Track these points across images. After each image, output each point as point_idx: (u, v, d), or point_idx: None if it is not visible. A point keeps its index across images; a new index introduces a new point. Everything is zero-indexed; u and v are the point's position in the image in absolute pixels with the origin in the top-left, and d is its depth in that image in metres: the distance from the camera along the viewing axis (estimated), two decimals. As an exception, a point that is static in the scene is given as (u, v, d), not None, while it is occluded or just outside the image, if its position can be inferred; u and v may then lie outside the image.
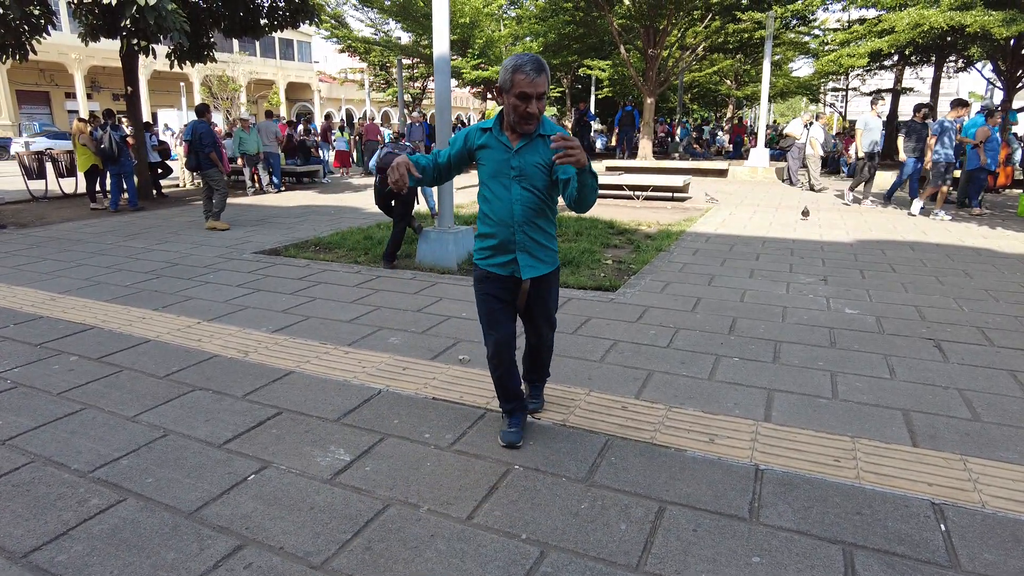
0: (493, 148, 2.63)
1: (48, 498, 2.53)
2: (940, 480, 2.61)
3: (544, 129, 2.57)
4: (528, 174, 2.58)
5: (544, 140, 2.56)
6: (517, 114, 2.48)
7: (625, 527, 2.33)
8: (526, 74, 2.40)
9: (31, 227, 9.32)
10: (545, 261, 2.74)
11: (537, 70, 2.42)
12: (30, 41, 10.54)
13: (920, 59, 19.93)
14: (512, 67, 2.42)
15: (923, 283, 5.84)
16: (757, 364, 3.88)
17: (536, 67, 2.42)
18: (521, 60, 2.43)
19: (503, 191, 2.62)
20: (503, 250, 2.69)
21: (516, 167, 2.58)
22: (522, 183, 2.59)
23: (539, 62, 2.43)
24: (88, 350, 4.15)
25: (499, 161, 2.61)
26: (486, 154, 2.65)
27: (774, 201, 12.18)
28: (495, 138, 2.62)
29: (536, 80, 2.42)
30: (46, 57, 29.89)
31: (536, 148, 2.58)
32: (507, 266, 2.71)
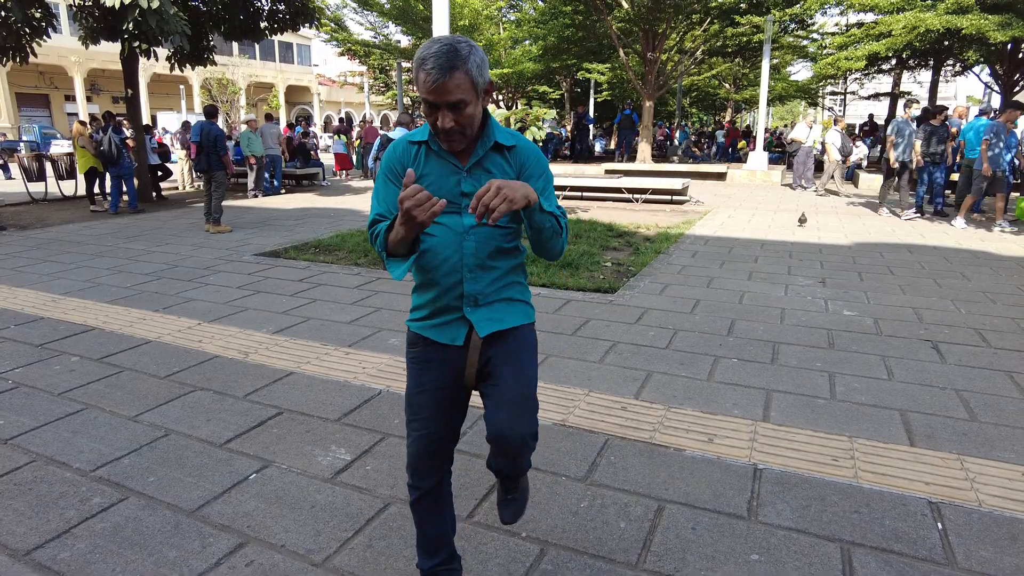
0: (434, 167, 1.74)
1: (50, 496, 2.54)
2: (937, 479, 2.63)
3: (498, 135, 1.76)
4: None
5: (504, 153, 1.76)
6: (432, 125, 1.67)
7: (624, 525, 2.35)
8: (427, 73, 1.55)
9: (31, 229, 9.34)
10: (511, 313, 1.83)
11: (444, 68, 1.55)
12: (31, 44, 10.57)
13: (918, 63, 20.01)
14: (415, 59, 1.60)
15: (921, 285, 5.87)
16: (756, 365, 3.90)
17: (442, 63, 1.55)
18: (425, 51, 1.57)
19: (452, 221, 1.72)
20: (444, 308, 1.78)
21: (469, 192, 1.71)
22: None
23: (450, 53, 1.56)
24: (89, 351, 4.16)
25: (446, 184, 1.72)
26: (427, 176, 1.74)
27: (772, 204, 12.22)
28: (434, 155, 1.74)
29: (443, 83, 1.56)
30: (46, 60, 29.94)
31: (494, 164, 1.75)
32: (448, 329, 1.79)
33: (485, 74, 1.67)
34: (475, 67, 1.60)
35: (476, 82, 1.61)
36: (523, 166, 1.77)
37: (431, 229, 1.72)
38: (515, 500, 2.02)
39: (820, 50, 19.16)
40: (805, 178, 14.90)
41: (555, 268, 6.29)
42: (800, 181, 14.90)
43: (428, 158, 1.75)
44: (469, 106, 1.61)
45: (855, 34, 16.09)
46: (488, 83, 1.69)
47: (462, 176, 1.73)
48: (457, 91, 1.58)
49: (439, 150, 1.72)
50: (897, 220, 10.01)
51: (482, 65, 1.64)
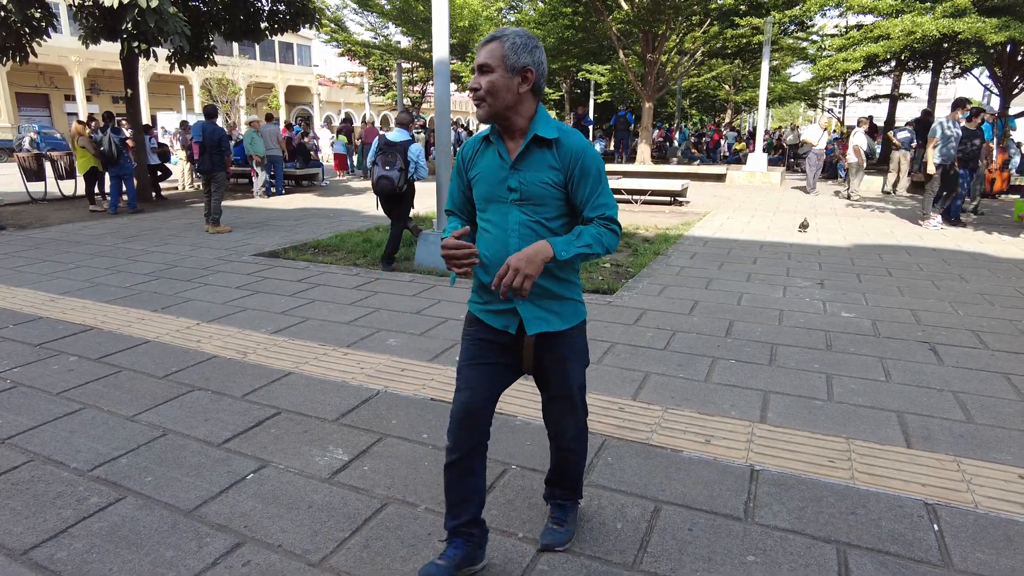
0: (487, 160, 1.93)
1: (47, 496, 2.54)
2: (934, 481, 2.64)
3: (539, 128, 1.86)
4: (532, 195, 1.87)
5: (551, 149, 1.86)
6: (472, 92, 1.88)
7: (621, 526, 2.35)
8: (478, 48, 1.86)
9: (31, 228, 9.34)
10: (559, 314, 1.98)
11: (486, 40, 1.84)
12: (31, 43, 10.57)
13: (917, 65, 20.03)
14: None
15: (919, 287, 5.88)
16: (753, 366, 3.90)
17: (487, 37, 1.85)
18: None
19: (499, 218, 1.91)
20: (498, 298, 1.96)
21: (515, 187, 1.87)
22: (523, 208, 1.88)
23: (494, 32, 1.86)
24: (87, 351, 4.16)
25: (494, 177, 1.91)
26: (480, 168, 1.95)
27: (772, 206, 12.23)
28: (492, 148, 1.93)
29: (480, 49, 1.84)
30: (46, 59, 29.93)
31: (540, 160, 1.86)
32: (501, 317, 1.98)
33: (523, 58, 1.81)
34: (510, 45, 1.80)
35: (507, 56, 1.79)
36: (570, 169, 1.86)
37: (484, 224, 1.96)
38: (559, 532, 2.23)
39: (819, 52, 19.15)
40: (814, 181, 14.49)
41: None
42: (815, 184, 14.38)
43: (486, 151, 1.95)
44: (494, 73, 1.80)
45: (854, 36, 16.11)
46: (526, 68, 1.82)
47: (507, 170, 1.89)
48: (487, 56, 1.80)
49: (496, 141, 1.91)
50: (897, 221, 10.02)
51: (520, 48, 1.81)
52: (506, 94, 1.81)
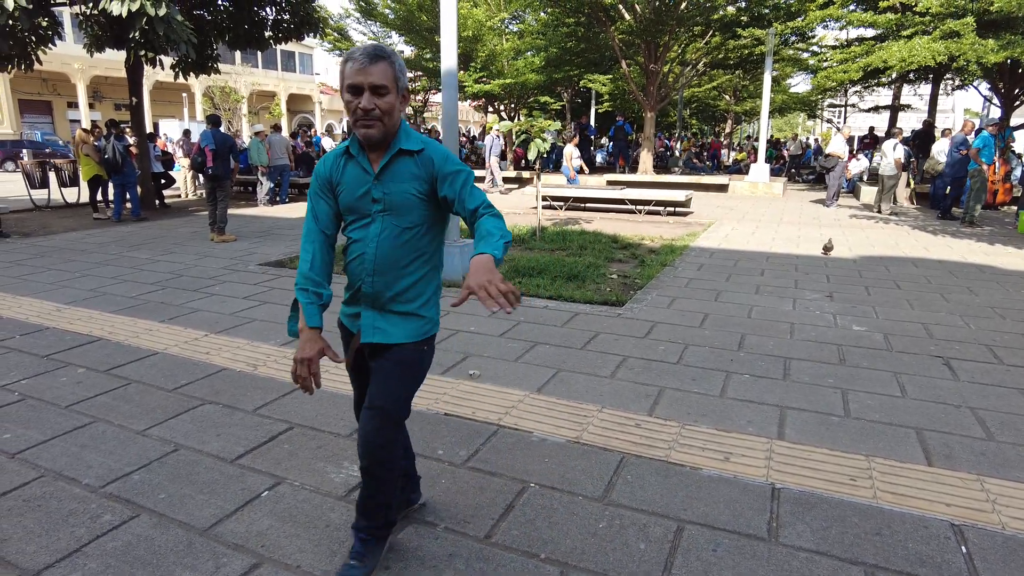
0: (349, 178, 1.96)
1: (60, 513, 2.50)
2: (958, 500, 2.60)
3: (403, 142, 1.93)
4: (397, 205, 1.92)
5: (413, 158, 1.94)
6: (352, 114, 1.87)
7: (644, 547, 2.31)
8: (354, 62, 1.82)
9: (35, 236, 9.31)
10: (398, 328, 2.02)
11: (371, 56, 1.81)
12: (36, 51, 10.58)
13: (917, 77, 20.09)
14: (342, 62, 1.87)
15: (928, 300, 5.85)
16: (768, 381, 3.87)
17: (369, 52, 1.82)
18: (351, 52, 1.85)
19: (362, 230, 1.97)
20: (353, 299, 2.07)
21: (379, 198, 1.93)
22: (387, 217, 1.93)
23: (376, 48, 1.84)
24: (95, 362, 4.13)
25: (357, 191, 1.95)
26: (344, 183, 1.98)
27: (775, 216, 12.23)
28: (353, 161, 1.96)
29: (368, 67, 1.81)
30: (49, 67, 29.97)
31: (404, 168, 1.93)
32: (353, 320, 2.10)
33: (405, 78, 1.92)
34: (398, 65, 1.87)
35: (398, 77, 1.87)
36: (434, 167, 1.93)
37: (353, 235, 2.00)
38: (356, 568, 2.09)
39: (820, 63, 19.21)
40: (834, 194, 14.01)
41: (561, 281, 6.27)
42: (834, 198, 13.93)
43: (347, 167, 1.98)
44: (390, 95, 1.85)
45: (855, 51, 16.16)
46: (406, 89, 1.95)
47: (371, 184, 1.94)
48: (381, 76, 1.82)
49: (358, 154, 1.95)
50: (901, 233, 10.02)
51: (403, 68, 1.91)
52: (396, 114, 1.90)
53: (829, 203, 13.96)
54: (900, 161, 12.46)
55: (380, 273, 1.96)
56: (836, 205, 13.94)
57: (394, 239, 1.94)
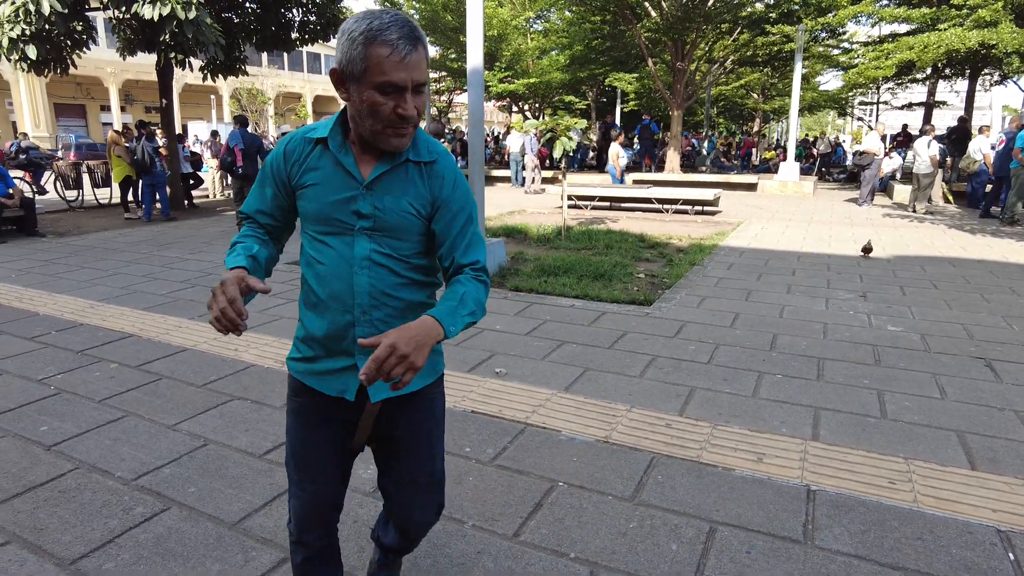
0: (325, 172, 1.44)
1: (94, 505, 2.53)
2: (1004, 506, 2.50)
3: (417, 151, 1.45)
4: (390, 225, 1.43)
5: (419, 169, 1.45)
6: (380, 118, 1.33)
7: (676, 547, 2.26)
8: (392, 47, 1.26)
9: (69, 236, 9.52)
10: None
11: (411, 39, 1.28)
12: (71, 56, 10.83)
13: (954, 72, 19.61)
14: (365, 32, 1.26)
15: (967, 300, 5.68)
16: (801, 381, 3.78)
17: (407, 32, 1.28)
18: (380, 20, 1.27)
19: (341, 248, 1.44)
20: (332, 350, 1.49)
21: (368, 213, 1.42)
22: (375, 239, 1.43)
23: (411, 24, 1.30)
24: (127, 358, 4.19)
25: (334, 196, 1.43)
26: (315, 179, 1.45)
27: (806, 215, 12.01)
28: (333, 157, 1.43)
29: (411, 59, 1.28)
30: (83, 71, 30.71)
31: (405, 179, 1.44)
32: (336, 377, 1.50)
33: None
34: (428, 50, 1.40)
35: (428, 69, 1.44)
36: (440, 189, 1.46)
37: (317, 254, 1.45)
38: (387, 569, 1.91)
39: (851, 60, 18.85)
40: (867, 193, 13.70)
41: (588, 280, 6.22)
42: (868, 197, 13.61)
43: (322, 159, 1.43)
44: (424, 91, 1.37)
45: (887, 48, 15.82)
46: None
47: (359, 193, 1.41)
48: (422, 68, 1.33)
49: (339, 149, 1.42)
50: (936, 232, 9.76)
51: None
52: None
53: (862, 202, 13.65)
54: (936, 158, 12.12)
55: (377, 308, 1.45)
56: (869, 204, 13.64)
57: (386, 265, 1.45)
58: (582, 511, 2.48)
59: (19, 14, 9.24)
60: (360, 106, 1.33)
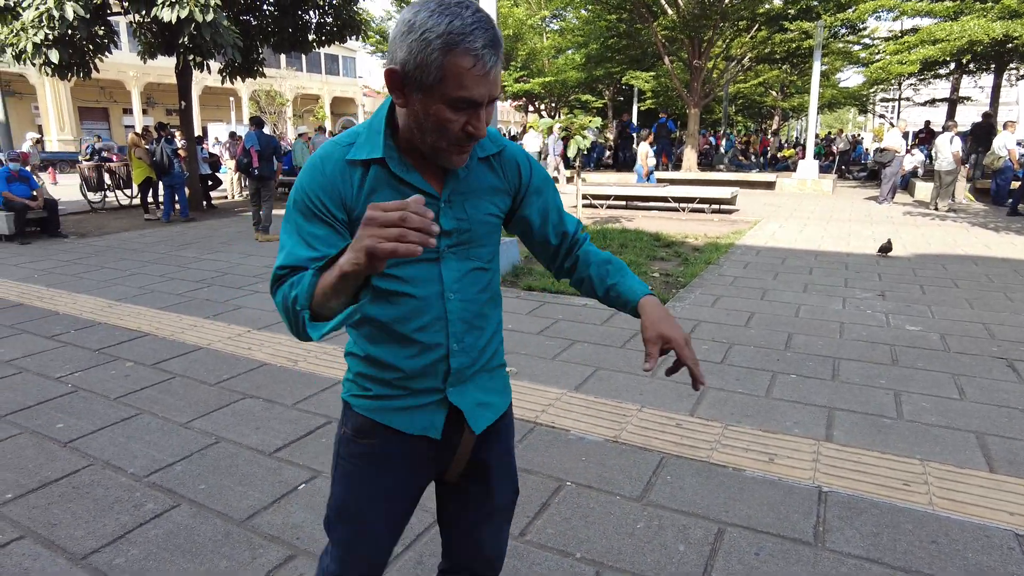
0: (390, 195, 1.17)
1: (106, 501, 2.57)
2: (1023, 509, 2.44)
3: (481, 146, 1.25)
4: (474, 235, 1.25)
5: (489, 163, 1.27)
6: (446, 136, 1.11)
7: (684, 548, 2.24)
8: (477, 58, 1.04)
9: (90, 236, 9.68)
10: (496, 393, 1.36)
11: (495, 46, 1.07)
12: (94, 60, 11.01)
13: (979, 67, 19.24)
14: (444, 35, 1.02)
15: (990, 299, 5.57)
16: (816, 381, 3.73)
17: (493, 40, 1.06)
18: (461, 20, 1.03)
19: (424, 278, 1.21)
20: (418, 390, 1.27)
21: (451, 229, 1.22)
22: (460, 255, 1.24)
23: (493, 27, 1.08)
24: (143, 356, 4.24)
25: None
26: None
27: (825, 214, 11.85)
28: (392, 176, 1.18)
29: (493, 72, 1.08)
30: (106, 75, 31.24)
31: (480, 182, 1.25)
32: (421, 415, 1.28)
33: None
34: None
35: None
36: (521, 175, 1.32)
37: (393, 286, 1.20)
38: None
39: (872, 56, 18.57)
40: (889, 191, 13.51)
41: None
42: (888, 195, 13.44)
43: (379, 184, 1.17)
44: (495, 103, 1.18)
45: (908, 41, 15.56)
46: None
47: (440, 206, 1.20)
48: (497, 82, 1.12)
49: (400, 167, 1.17)
50: (959, 230, 9.59)
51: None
52: None
53: (882, 200, 13.45)
54: (958, 155, 11.90)
55: (469, 332, 1.28)
56: (889, 202, 13.43)
57: (474, 282, 1.27)
58: (589, 511, 2.46)
59: (42, 19, 9.41)
60: (423, 119, 1.10)
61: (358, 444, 1.30)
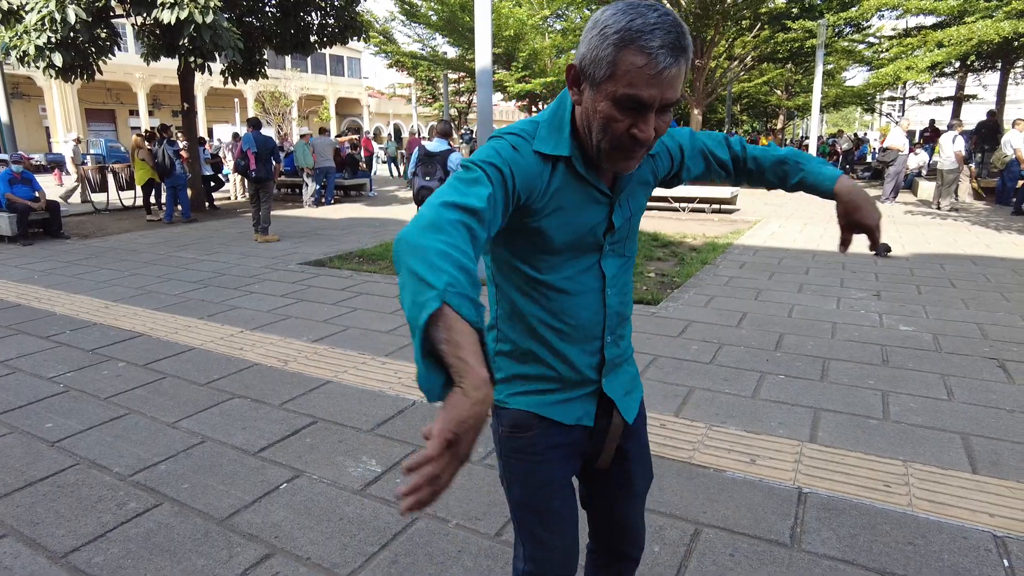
0: (575, 195, 1.18)
1: (89, 500, 2.59)
2: (1003, 511, 2.44)
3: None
4: (633, 230, 1.31)
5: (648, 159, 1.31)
6: (609, 136, 1.10)
7: (659, 549, 2.24)
8: (651, 55, 1.01)
9: (92, 238, 9.74)
10: (638, 380, 1.44)
11: (676, 48, 1.03)
12: (97, 62, 11.08)
13: (984, 66, 19.12)
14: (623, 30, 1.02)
15: (986, 299, 5.54)
16: (804, 382, 3.72)
17: (675, 41, 1.03)
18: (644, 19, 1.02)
19: (586, 273, 1.25)
20: (575, 381, 1.30)
21: (620, 225, 1.25)
22: (619, 251, 1.29)
23: (681, 30, 1.04)
24: (136, 357, 4.27)
25: (588, 221, 1.21)
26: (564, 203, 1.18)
27: (826, 214, 11.80)
28: (576, 174, 1.18)
29: (671, 71, 1.03)
30: (112, 77, 31.46)
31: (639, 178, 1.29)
32: (575, 405, 1.32)
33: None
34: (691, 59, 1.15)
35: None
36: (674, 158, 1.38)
37: (570, 285, 1.23)
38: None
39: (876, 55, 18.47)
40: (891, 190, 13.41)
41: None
42: (891, 194, 13.35)
43: (566, 181, 1.17)
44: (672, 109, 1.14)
45: (912, 43, 15.47)
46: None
47: (607, 210, 1.23)
48: (679, 82, 1.07)
49: (584, 167, 1.17)
50: (960, 230, 9.53)
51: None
52: None
53: (885, 199, 13.38)
54: (961, 154, 11.82)
55: (620, 324, 1.33)
56: (892, 202, 13.36)
57: (625, 275, 1.33)
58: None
59: (45, 22, 9.49)
60: (591, 115, 1.10)
61: (516, 439, 1.32)
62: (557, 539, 1.34)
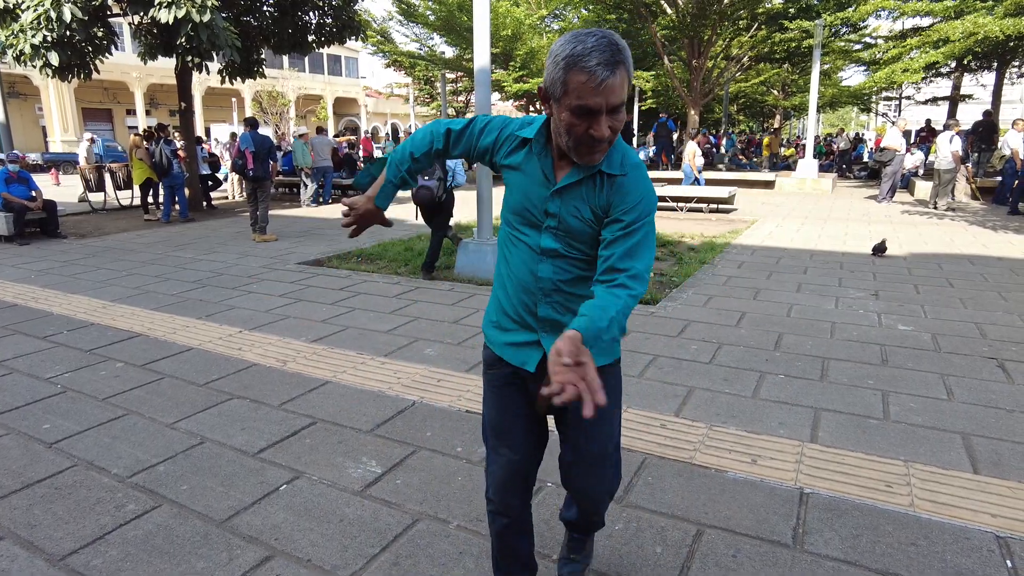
0: (527, 174, 1.59)
1: (88, 502, 2.58)
2: (1005, 511, 2.43)
3: (611, 163, 1.52)
4: (567, 227, 1.56)
5: (608, 180, 1.52)
6: (573, 137, 1.43)
7: (661, 550, 2.24)
8: (590, 72, 1.33)
9: (89, 237, 9.71)
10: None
11: (611, 64, 1.34)
12: (94, 61, 11.03)
13: (980, 66, 19.16)
14: (567, 57, 1.36)
15: (984, 299, 5.54)
16: (804, 382, 3.72)
17: (610, 58, 1.34)
18: (583, 45, 1.35)
19: (528, 238, 1.61)
20: (519, 325, 1.68)
21: (554, 213, 1.56)
22: (556, 235, 1.58)
23: (615, 48, 1.35)
24: (134, 357, 4.25)
25: (532, 195, 1.58)
26: (515, 178, 1.62)
27: (823, 213, 11.82)
28: (535, 159, 1.57)
29: (609, 82, 1.34)
30: (109, 76, 31.37)
31: (592, 189, 1.53)
32: (521, 351, 1.68)
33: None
34: (631, 66, 1.42)
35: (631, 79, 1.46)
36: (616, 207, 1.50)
37: (514, 237, 1.64)
38: (577, 562, 2.06)
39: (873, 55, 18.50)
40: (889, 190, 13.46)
41: (595, 278, 6.18)
42: (888, 194, 13.39)
43: (528, 158, 1.59)
44: (621, 110, 1.43)
45: (910, 44, 15.49)
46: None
47: (549, 193, 1.55)
48: (621, 90, 1.38)
49: (541, 155, 1.56)
50: (957, 229, 9.55)
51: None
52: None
53: (881, 199, 13.40)
54: (958, 154, 11.85)
55: (562, 296, 1.62)
56: (889, 201, 13.38)
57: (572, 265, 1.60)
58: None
59: (41, 21, 9.44)
60: (558, 123, 1.45)
61: (488, 373, 1.78)
62: (505, 449, 1.75)
